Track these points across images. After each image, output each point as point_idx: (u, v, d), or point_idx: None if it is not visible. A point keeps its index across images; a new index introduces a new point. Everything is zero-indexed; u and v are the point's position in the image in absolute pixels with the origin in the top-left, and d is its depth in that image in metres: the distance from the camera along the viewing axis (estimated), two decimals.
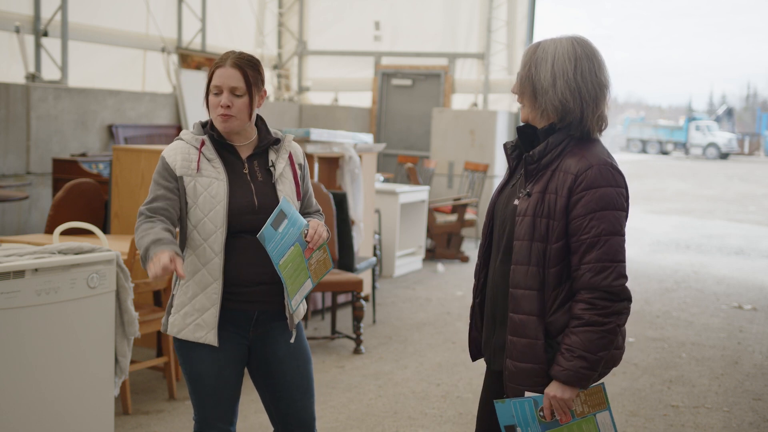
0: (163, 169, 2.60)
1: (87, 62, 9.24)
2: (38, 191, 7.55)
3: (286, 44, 12.92)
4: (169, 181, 2.58)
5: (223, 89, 2.58)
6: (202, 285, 2.59)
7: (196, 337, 2.60)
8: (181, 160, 2.59)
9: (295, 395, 2.73)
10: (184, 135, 2.66)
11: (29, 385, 3.22)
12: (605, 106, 2.34)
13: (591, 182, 2.24)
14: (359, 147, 6.60)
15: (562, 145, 2.31)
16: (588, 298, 2.23)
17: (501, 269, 2.38)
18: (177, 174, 2.57)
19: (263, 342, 2.70)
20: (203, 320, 2.59)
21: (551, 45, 2.32)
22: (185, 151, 2.61)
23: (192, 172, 2.57)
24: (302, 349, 2.76)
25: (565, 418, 2.29)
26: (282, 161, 2.69)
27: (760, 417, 4.62)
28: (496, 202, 2.46)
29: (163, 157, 2.61)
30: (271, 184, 2.65)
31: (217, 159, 2.61)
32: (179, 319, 2.62)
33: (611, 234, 2.23)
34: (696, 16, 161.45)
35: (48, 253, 3.31)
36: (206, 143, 2.62)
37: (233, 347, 2.65)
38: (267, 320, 2.68)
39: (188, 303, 2.61)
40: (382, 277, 8.09)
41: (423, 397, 4.72)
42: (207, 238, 2.57)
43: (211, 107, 2.61)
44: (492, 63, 11.74)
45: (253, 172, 2.65)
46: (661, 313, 7.08)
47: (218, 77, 2.58)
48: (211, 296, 2.59)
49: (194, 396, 2.69)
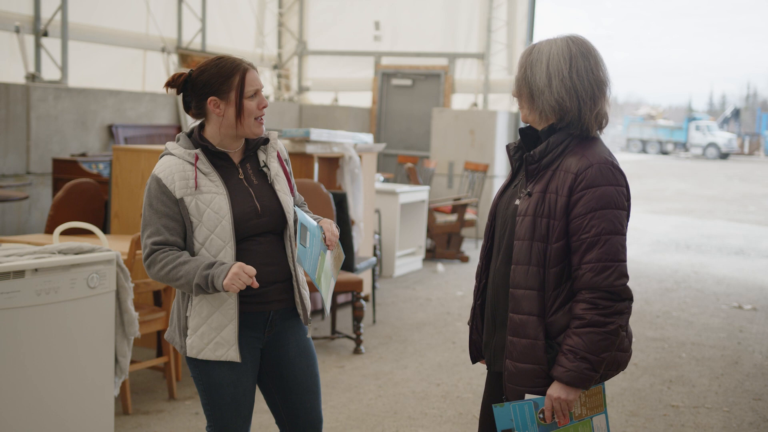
0: (160, 193, 2.49)
1: (87, 62, 9.24)
2: (38, 191, 7.55)
3: (286, 44, 12.92)
4: (169, 206, 2.49)
5: (259, 91, 2.54)
6: (217, 303, 2.53)
7: (217, 355, 2.54)
8: (178, 180, 2.49)
9: (304, 396, 2.73)
10: (174, 149, 2.55)
11: (29, 385, 3.22)
12: (604, 103, 2.33)
13: (591, 181, 2.23)
14: (359, 147, 6.59)
15: (563, 145, 2.31)
16: (589, 298, 2.22)
17: (502, 270, 2.37)
18: (177, 197, 2.48)
19: (275, 343, 2.69)
20: (222, 338, 2.54)
21: (546, 46, 2.33)
22: (180, 168, 2.51)
23: (191, 191, 2.49)
24: (310, 349, 2.76)
25: (564, 421, 2.29)
26: (273, 160, 2.66)
27: (760, 417, 4.61)
28: (498, 204, 2.46)
29: (158, 178, 2.49)
30: (267, 185, 2.63)
31: (213, 172, 2.54)
32: (196, 340, 2.55)
33: (611, 233, 2.23)
34: (696, 16, 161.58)
35: (48, 253, 3.32)
36: (200, 157, 2.53)
37: (250, 353, 2.63)
38: (280, 320, 2.67)
39: (204, 323, 2.54)
40: (382, 277, 8.09)
41: (423, 397, 4.72)
42: (216, 255, 2.51)
43: (249, 112, 2.52)
44: (492, 63, 11.74)
45: (248, 177, 2.61)
46: (661, 313, 7.08)
47: (253, 81, 2.53)
48: (227, 312, 2.53)
49: (211, 406, 2.63)
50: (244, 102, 2.51)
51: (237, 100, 2.51)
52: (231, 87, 2.51)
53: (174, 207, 2.49)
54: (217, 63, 2.55)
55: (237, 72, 2.52)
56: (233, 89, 2.51)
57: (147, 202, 2.52)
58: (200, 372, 2.61)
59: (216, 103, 2.53)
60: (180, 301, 2.61)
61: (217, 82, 2.52)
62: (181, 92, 2.60)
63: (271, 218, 2.59)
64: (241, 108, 2.51)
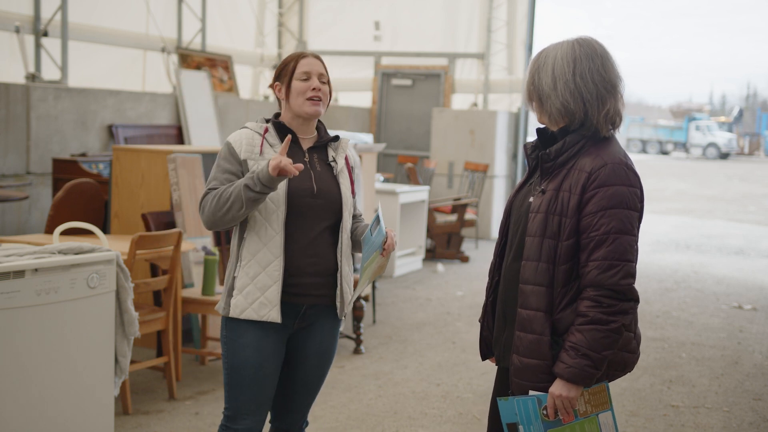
0: (228, 153, 2.71)
1: (87, 62, 9.23)
2: (38, 191, 7.55)
3: (286, 44, 12.91)
4: (233, 164, 2.68)
5: (311, 75, 2.73)
6: (264, 263, 2.65)
7: (260, 315, 2.64)
8: (245, 145, 2.70)
9: (302, 395, 2.82)
10: (250, 124, 2.79)
11: (29, 385, 3.22)
12: (615, 102, 2.35)
13: (604, 180, 2.25)
14: (359, 147, 6.59)
15: (579, 145, 2.33)
16: (594, 295, 2.23)
17: (513, 266, 2.39)
18: (241, 158, 2.68)
19: (299, 338, 2.77)
20: (266, 298, 2.64)
21: (552, 50, 2.37)
22: (249, 136, 2.72)
23: (255, 156, 2.68)
24: (330, 349, 2.84)
25: (568, 418, 2.29)
26: (341, 159, 2.81)
27: (760, 417, 4.62)
28: (513, 201, 2.48)
29: (229, 142, 2.73)
30: (330, 175, 2.76)
31: (279, 145, 2.70)
32: (241, 299, 2.66)
33: (621, 232, 2.24)
34: (696, 16, 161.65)
35: (48, 253, 3.32)
36: (270, 130, 2.74)
37: (276, 341, 2.71)
38: (312, 315, 2.75)
39: (250, 282, 2.65)
40: (382, 277, 8.09)
41: (423, 397, 4.72)
42: (268, 217, 2.64)
43: (298, 92, 2.72)
44: (492, 63, 11.74)
45: (312, 162, 2.75)
46: (661, 313, 7.08)
47: (306, 65, 2.73)
48: (272, 273, 2.64)
49: (230, 386, 2.73)
50: (293, 82, 2.73)
51: (288, 82, 2.74)
52: (288, 71, 2.76)
53: (237, 166, 2.68)
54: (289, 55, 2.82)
55: (294, 58, 2.77)
56: (288, 73, 2.75)
57: (216, 162, 2.74)
58: (229, 345, 2.70)
59: (279, 87, 2.78)
60: (231, 264, 2.72)
61: (281, 68, 2.79)
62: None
63: (326, 202, 2.70)
64: (289, 87, 2.74)
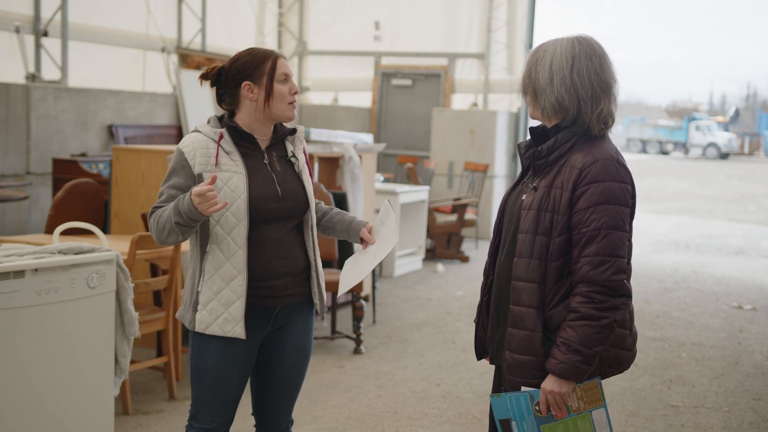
0: (180, 166, 2.59)
1: (87, 62, 9.23)
2: (38, 191, 7.55)
3: (286, 44, 12.91)
4: (182, 177, 2.58)
5: (289, 77, 2.65)
6: (227, 279, 2.59)
7: (225, 331, 2.60)
8: (199, 156, 2.58)
9: (282, 395, 2.79)
10: (201, 128, 2.66)
11: (29, 386, 3.22)
12: (609, 103, 2.35)
13: (595, 176, 2.25)
14: (359, 147, 6.59)
15: (571, 142, 2.33)
16: (585, 291, 2.24)
17: (506, 264, 2.39)
18: (195, 171, 2.57)
19: (274, 340, 2.74)
20: (230, 314, 2.60)
21: (552, 45, 2.37)
22: (203, 145, 2.60)
23: (211, 168, 2.57)
24: (306, 347, 2.80)
25: (561, 414, 2.29)
26: (300, 153, 2.76)
27: (760, 417, 4.62)
28: (506, 200, 2.49)
29: (181, 151, 2.59)
30: (293, 173, 2.70)
31: (235, 152, 2.61)
32: (206, 315, 2.62)
33: (612, 228, 2.24)
34: (696, 16, 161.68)
35: (48, 253, 3.31)
36: (224, 136, 2.62)
37: (245, 348, 2.67)
38: (286, 315, 2.72)
39: (214, 298, 2.60)
40: (382, 277, 8.09)
41: (423, 397, 4.72)
42: (230, 232, 2.58)
43: (282, 96, 2.62)
44: (492, 63, 11.74)
45: (272, 163, 2.68)
46: (661, 313, 7.08)
47: (284, 66, 2.64)
48: (236, 289, 2.59)
49: (193, 386, 2.71)
50: (275, 86, 2.61)
51: (268, 84, 2.61)
52: (263, 72, 2.61)
53: (188, 180, 2.58)
54: (250, 51, 2.66)
55: (269, 58, 2.63)
56: (265, 74, 2.61)
57: (166, 174, 2.62)
58: (194, 349, 2.68)
59: (250, 88, 2.62)
60: (193, 276, 2.66)
61: (251, 67, 2.62)
62: (215, 85, 2.70)
63: (293, 204, 2.66)
64: (271, 91, 2.61)
